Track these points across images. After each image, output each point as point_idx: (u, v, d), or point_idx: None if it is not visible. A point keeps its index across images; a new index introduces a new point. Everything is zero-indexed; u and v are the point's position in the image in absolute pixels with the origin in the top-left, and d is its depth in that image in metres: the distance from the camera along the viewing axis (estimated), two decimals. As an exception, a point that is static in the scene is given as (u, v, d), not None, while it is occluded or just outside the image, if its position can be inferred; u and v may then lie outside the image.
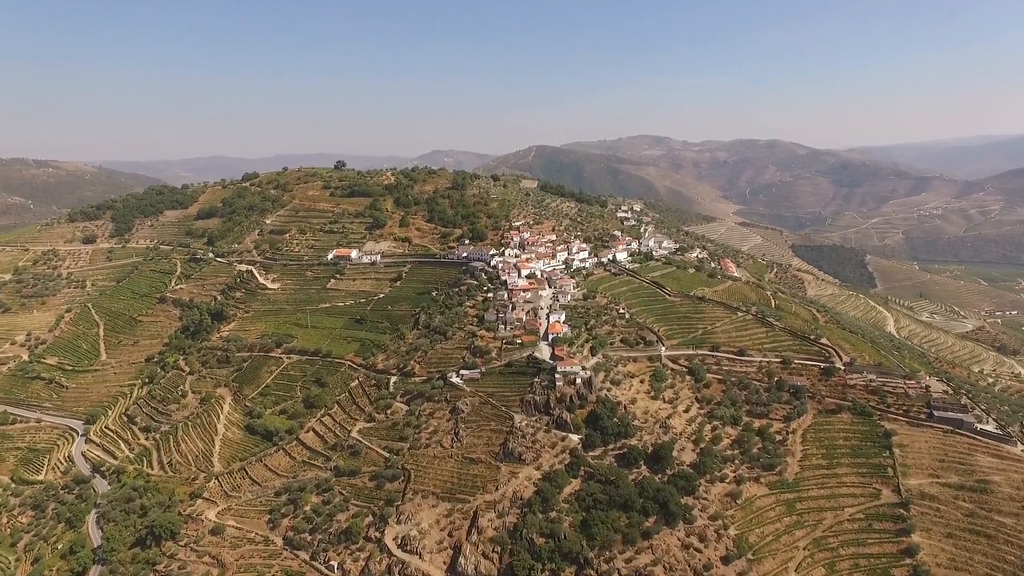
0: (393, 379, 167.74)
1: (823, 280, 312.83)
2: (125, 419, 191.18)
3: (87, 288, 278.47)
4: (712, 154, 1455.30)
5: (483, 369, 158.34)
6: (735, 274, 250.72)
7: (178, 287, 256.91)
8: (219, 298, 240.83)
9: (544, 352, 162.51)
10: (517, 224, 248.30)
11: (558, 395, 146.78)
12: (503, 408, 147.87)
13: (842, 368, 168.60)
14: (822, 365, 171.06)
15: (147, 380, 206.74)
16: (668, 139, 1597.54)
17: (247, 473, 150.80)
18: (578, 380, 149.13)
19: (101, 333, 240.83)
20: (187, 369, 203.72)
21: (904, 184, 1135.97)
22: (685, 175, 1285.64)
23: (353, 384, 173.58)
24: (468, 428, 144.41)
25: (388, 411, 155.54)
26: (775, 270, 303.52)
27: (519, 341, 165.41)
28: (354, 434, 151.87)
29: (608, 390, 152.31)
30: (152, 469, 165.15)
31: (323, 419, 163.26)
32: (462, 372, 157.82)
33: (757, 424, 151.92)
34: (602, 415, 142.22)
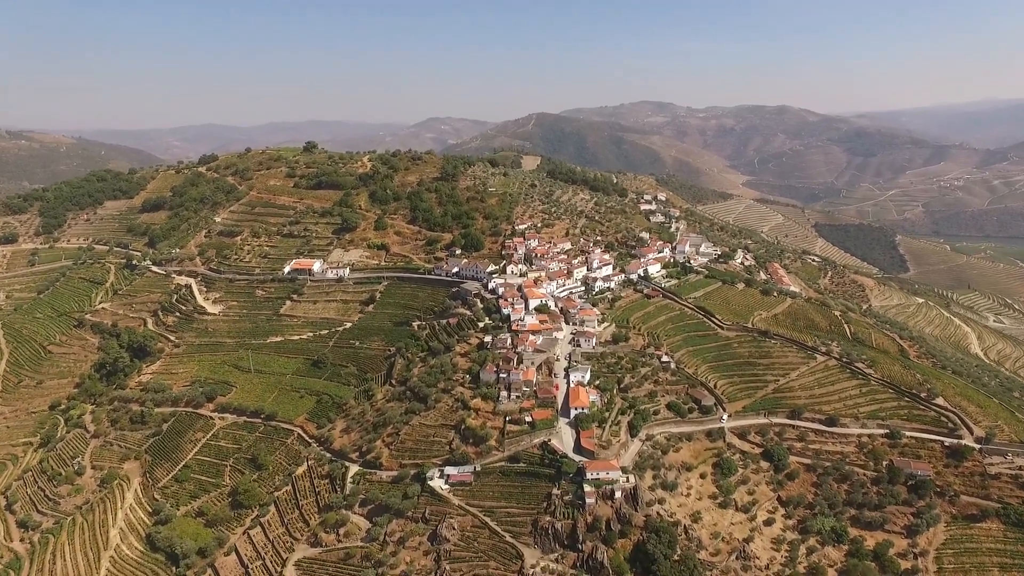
0: (353, 470, 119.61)
1: (884, 284, 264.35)
2: (3, 502, 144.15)
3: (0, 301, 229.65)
4: (718, 121, 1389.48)
5: (477, 467, 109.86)
6: (791, 287, 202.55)
7: (102, 306, 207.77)
8: (148, 323, 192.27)
9: (565, 437, 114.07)
10: (522, 228, 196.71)
11: (589, 518, 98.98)
12: (506, 537, 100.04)
13: (977, 448, 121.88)
14: (946, 441, 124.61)
15: (43, 441, 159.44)
16: (672, 105, 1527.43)
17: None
18: (617, 493, 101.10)
19: (1, 368, 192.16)
20: (92, 429, 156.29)
21: (921, 153, 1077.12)
22: (691, 143, 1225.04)
23: (300, 470, 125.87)
24: (455, 570, 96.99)
25: (340, 530, 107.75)
26: (829, 274, 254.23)
27: (528, 419, 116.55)
28: (289, 570, 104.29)
29: (660, 501, 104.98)
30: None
31: (252, 531, 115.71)
32: (447, 472, 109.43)
33: (870, 540, 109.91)
34: (655, 551, 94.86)
